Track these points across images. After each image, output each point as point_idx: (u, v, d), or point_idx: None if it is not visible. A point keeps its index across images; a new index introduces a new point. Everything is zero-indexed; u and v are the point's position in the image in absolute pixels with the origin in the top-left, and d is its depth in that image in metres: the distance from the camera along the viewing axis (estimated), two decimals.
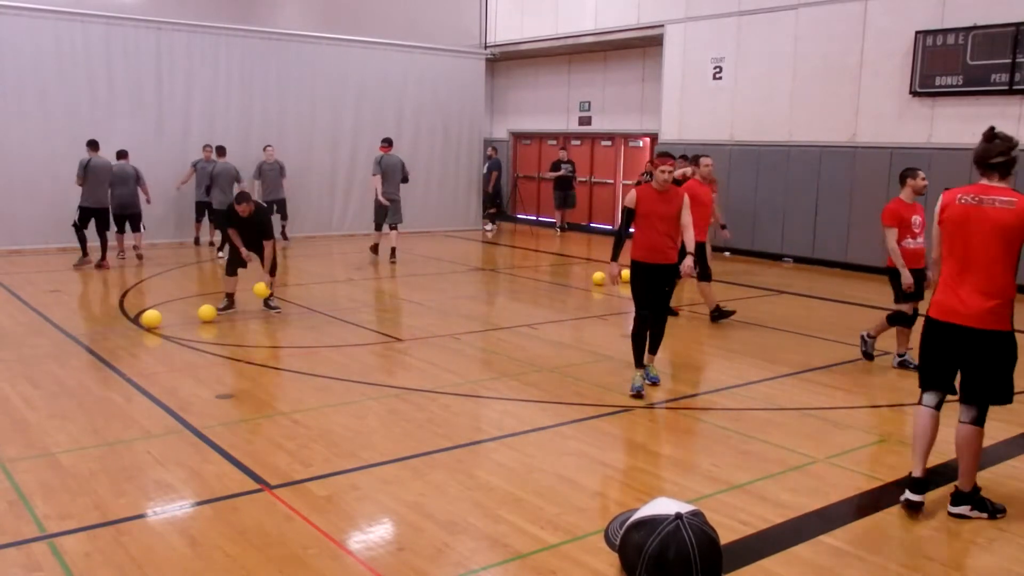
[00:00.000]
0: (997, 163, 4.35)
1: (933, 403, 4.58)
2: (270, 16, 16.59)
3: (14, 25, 13.66)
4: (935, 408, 4.57)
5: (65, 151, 13.85)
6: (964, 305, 4.32)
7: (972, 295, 4.30)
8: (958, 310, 4.35)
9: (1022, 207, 4.24)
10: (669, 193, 6.60)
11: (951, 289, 4.39)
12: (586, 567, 3.90)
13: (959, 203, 4.37)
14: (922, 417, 4.60)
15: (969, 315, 4.32)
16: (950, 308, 4.38)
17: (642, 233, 6.59)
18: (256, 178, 15.71)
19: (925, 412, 4.59)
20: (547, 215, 20.79)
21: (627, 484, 4.95)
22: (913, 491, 4.52)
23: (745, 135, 14.99)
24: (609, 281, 7.21)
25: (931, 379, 4.59)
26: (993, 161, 4.35)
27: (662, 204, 6.54)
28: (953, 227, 4.37)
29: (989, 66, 11.79)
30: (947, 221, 4.40)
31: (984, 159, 4.40)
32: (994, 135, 4.42)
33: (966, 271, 4.34)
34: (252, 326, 9.02)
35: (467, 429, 5.89)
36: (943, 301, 4.43)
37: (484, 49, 19.64)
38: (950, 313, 4.38)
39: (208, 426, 5.75)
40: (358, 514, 4.48)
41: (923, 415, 4.60)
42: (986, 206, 4.28)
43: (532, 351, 8.07)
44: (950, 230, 4.39)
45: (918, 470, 4.55)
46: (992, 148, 4.37)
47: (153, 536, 4.19)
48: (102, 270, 12.40)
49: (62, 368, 7.17)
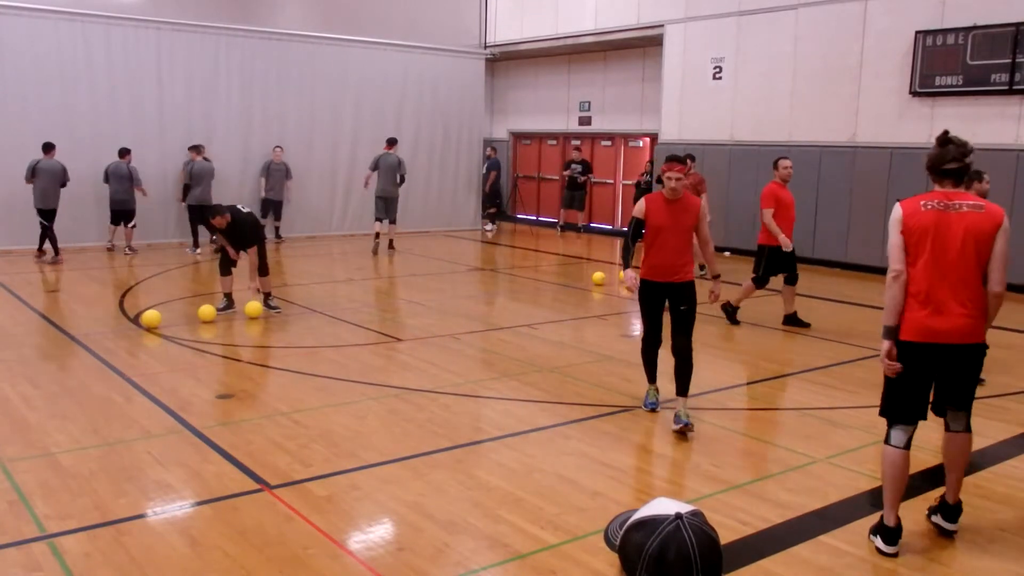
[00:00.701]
0: (950, 169, 4.07)
1: (903, 441, 4.13)
2: (270, 16, 16.59)
3: (14, 25, 13.66)
4: (906, 447, 4.13)
5: (65, 151, 13.85)
6: (945, 321, 3.97)
7: (952, 309, 3.96)
8: (938, 328, 3.98)
9: (993, 209, 4.02)
10: (682, 202, 5.83)
11: (922, 305, 4.00)
12: (586, 567, 3.90)
13: (925, 210, 4.01)
14: (893, 459, 4.13)
15: (952, 331, 3.98)
16: (928, 328, 3.99)
17: (652, 248, 5.88)
18: (262, 175, 15.84)
19: (896, 454, 4.12)
20: (547, 215, 20.80)
21: (627, 484, 4.95)
22: (888, 542, 4.10)
23: (745, 135, 14.99)
24: (628, 291, 6.47)
25: (904, 411, 4.13)
26: (946, 167, 4.07)
27: (674, 215, 5.80)
28: (921, 236, 3.99)
29: (989, 66, 11.80)
30: (914, 230, 4.01)
31: (937, 165, 4.10)
32: (948, 139, 4.13)
33: (940, 283, 3.97)
34: (252, 326, 9.02)
35: (467, 429, 5.89)
36: (919, 320, 4.01)
37: (484, 49, 19.64)
38: (930, 333, 3.99)
39: (208, 426, 5.75)
40: (358, 514, 4.48)
41: (896, 457, 4.12)
42: (953, 212, 3.98)
43: (532, 351, 8.07)
44: (917, 240, 4.01)
45: (892, 518, 4.11)
46: (946, 153, 4.08)
47: (153, 536, 4.19)
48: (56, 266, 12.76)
49: (62, 368, 7.17)
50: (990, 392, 6.67)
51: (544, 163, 21.04)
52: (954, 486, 4.29)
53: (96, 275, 12.22)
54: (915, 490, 4.88)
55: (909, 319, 4.05)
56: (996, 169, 11.78)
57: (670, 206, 5.81)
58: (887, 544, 4.10)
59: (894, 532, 4.11)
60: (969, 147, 4.13)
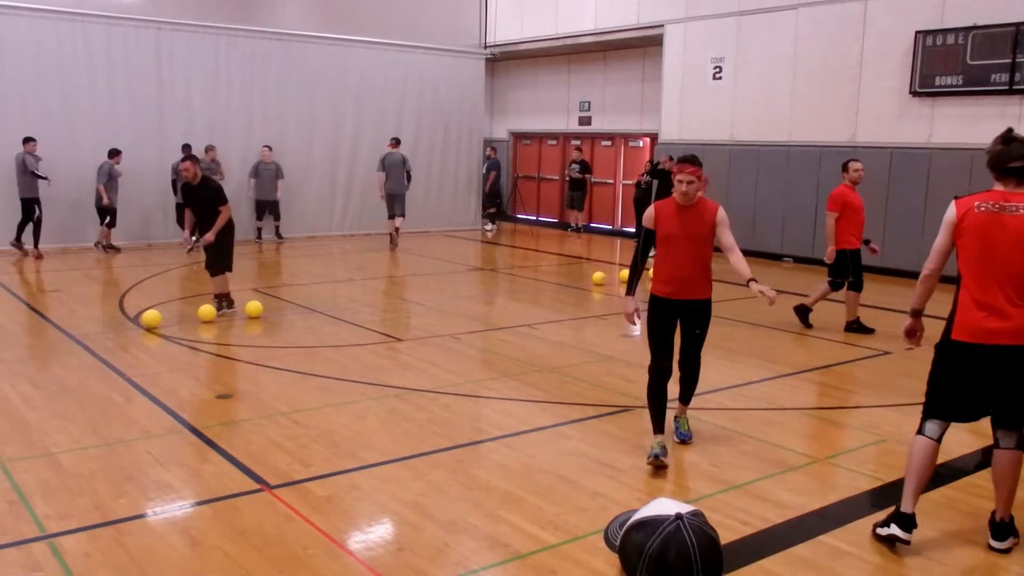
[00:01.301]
0: (1015, 168, 3.96)
1: (937, 434, 4.15)
2: (270, 16, 16.59)
3: (14, 25, 13.66)
4: (938, 440, 4.15)
5: (65, 151, 13.88)
6: (998, 322, 3.91)
7: (1006, 310, 3.90)
8: (990, 328, 3.92)
9: None
10: (697, 208, 5.19)
11: (978, 307, 3.96)
12: (586, 567, 3.89)
13: (978, 211, 3.96)
14: (924, 448, 4.14)
15: (1005, 332, 3.91)
16: (980, 328, 3.95)
17: (664, 260, 5.26)
18: (252, 177, 15.81)
19: (927, 444, 4.14)
20: (547, 215, 20.80)
21: (627, 484, 4.94)
22: (904, 528, 4.10)
23: (745, 135, 14.99)
24: (626, 321, 5.51)
25: (942, 407, 4.14)
26: (1012, 166, 3.96)
27: (688, 223, 5.16)
28: (975, 238, 3.96)
29: (989, 66, 11.80)
30: (967, 231, 3.97)
31: (1002, 163, 3.99)
32: (1012, 137, 4.02)
33: (994, 285, 3.93)
34: (253, 326, 9.01)
35: (467, 429, 5.89)
36: (970, 321, 3.98)
37: (484, 49, 19.65)
38: (982, 334, 3.94)
39: (208, 426, 5.75)
40: (358, 514, 4.48)
41: (925, 447, 4.14)
42: (1009, 214, 3.91)
43: (532, 351, 8.07)
44: (971, 241, 3.97)
45: (910, 505, 4.13)
46: (1011, 151, 3.97)
47: (153, 536, 4.19)
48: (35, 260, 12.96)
49: (62, 368, 7.16)
50: None
51: (544, 163, 21.05)
52: (1008, 502, 4.13)
53: (96, 275, 12.22)
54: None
55: (961, 321, 4.03)
56: None
57: (683, 213, 5.16)
58: (904, 531, 4.09)
59: (911, 520, 4.10)
60: None
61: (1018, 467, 4.11)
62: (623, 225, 19.05)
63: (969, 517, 4.48)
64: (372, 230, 17.52)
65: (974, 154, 11.86)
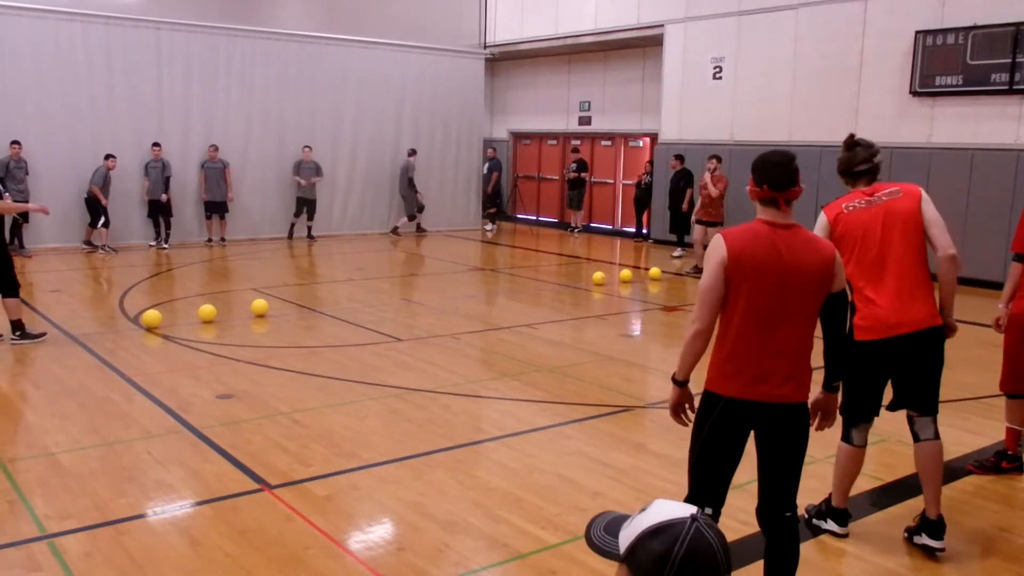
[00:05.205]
0: (862, 171, 4.12)
1: (864, 440, 4.21)
2: (270, 16, 16.59)
3: (14, 25, 13.66)
4: (864, 446, 4.21)
5: (65, 151, 13.87)
6: (899, 312, 3.92)
7: (904, 298, 3.93)
8: (893, 320, 3.93)
9: (909, 190, 4.05)
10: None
11: (876, 302, 3.96)
12: (586, 567, 3.90)
13: (848, 211, 4.04)
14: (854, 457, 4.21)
15: (909, 321, 3.93)
16: (883, 322, 3.94)
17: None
18: (295, 175, 16.08)
19: (856, 453, 4.20)
20: (547, 215, 20.80)
21: (627, 484, 4.94)
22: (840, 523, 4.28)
23: (745, 135, 14.98)
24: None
25: (863, 409, 4.14)
26: (858, 169, 4.12)
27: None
28: (856, 237, 4.00)
29: (989, 66, 11.79)
30: (845, 235, 4.01)
31: (848, 168, 4.16)
32: (855, 142, 4.16)
33: (885, 277, 3.95)
34: (252, 326, 9.02)
35: (467, 429, 5.89)
36: (874, 317, 3.96)
37: (484, 49, 19.64)
38: (886, 328, 3.94)
39: (208, 426, 5.75)
40: (358, 514, 4.48)
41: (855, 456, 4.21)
42: (877, 204, 4.02)
43: (532, 351, 8.07)
44: (851, 242, 4.00)
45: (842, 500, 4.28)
46: (856, 156, 4.13)
47: (153, 536, 4.19)
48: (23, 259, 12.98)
49: (62, 368, 7.16)
50: (986, 392, 6.66)
51: (544, 163, 21.04)
52: (937, 498, 4.12)
53: (96, 275, 12.21)
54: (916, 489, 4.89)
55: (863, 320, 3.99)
56: (996, 169, 11.82)
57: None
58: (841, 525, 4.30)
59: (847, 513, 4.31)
60: (876, 147, 4.17)
61: (940, 457, 4.12)
62: (623, 225, 19.04)
63: (969, 517, 4.48)
64: (371, 230, 17.54)
65: (974, 154, 11.86)
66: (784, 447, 3.23)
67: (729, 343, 3.14)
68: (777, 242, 3.08)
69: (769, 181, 3.16)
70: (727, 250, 3.08)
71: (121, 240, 14.53)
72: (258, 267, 13.34)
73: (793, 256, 3.07)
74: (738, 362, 3.12)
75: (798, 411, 3.19)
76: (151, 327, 8.55)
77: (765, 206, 3.17)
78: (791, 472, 3.28)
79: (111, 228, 14.12)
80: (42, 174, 13.82)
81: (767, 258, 3.06)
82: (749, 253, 3.06)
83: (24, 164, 13.39)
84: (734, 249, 3.07)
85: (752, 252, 3.06)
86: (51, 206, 13.53)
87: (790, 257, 3.07)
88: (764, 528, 3.37)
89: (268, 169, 16.29)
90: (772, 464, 3.28)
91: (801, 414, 3.21)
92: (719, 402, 3.16)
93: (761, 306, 3.07)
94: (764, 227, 3.12)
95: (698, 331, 3.14)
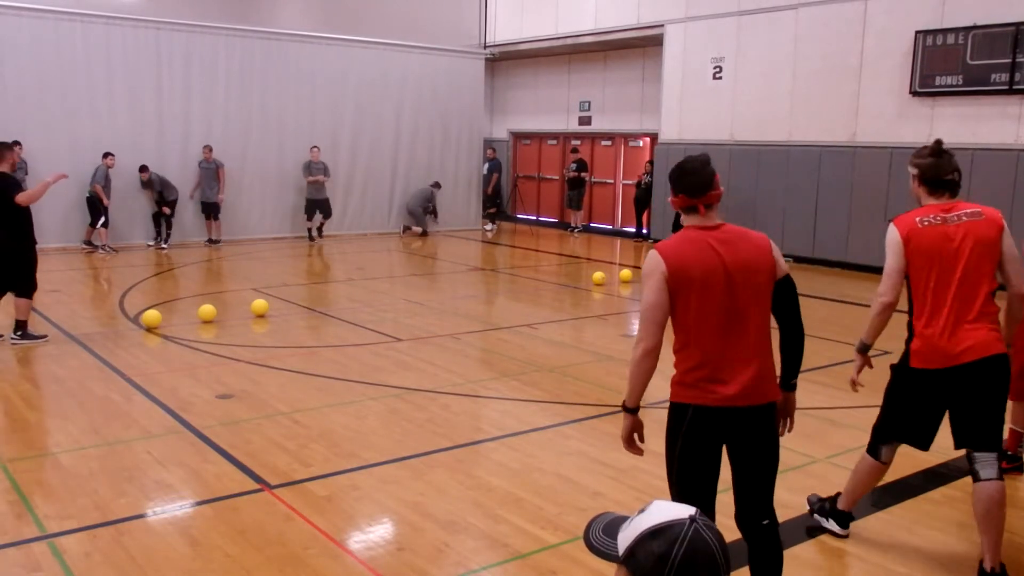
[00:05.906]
0: (951, 181, 3.77)
1: (891, 458, 4.06)
2: (270, 16, 16.59)
3: (14, 25, 13.66)
4: (889, 464, 4.07)
5: (65, 151, 13.87)
6: (963, 341, 3.65)
7: (970, 326, 3.66)
8: (955, 350, 3.66)
9: (991, 215, 3.73)
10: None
11: (938, 328, 3.69)
12: (586, 567, 3.89)
13: (923, 226, 3.70)
14: (877, 472, 4.10)
15: (972, 349, 3.64)
16: (944, 351, 3.68)
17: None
18: (306, 175, 16.08)
19: (881, 469, 4.09)
20: (547, 215, 20.80)
21: (627, 484, 4.94)
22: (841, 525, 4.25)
23: (745, 135, 14.99)
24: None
25: (899, 430, 3.96)
26: (948, 177, 3.77)
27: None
28: (932, 256, 3.68)
29: (989, 66, 11.80)
30: (916, 253, 3.70)
31: (938, 175, 3.77)
32: (943, 149, 3.82)
33: (951, 302, 3.67)
34: (252, 326, 9.02)
35: (467, 429, 5.89)
36: (932, 346, 3.71)
37: (484, 49, 19.64)
38: (946, 358, 3.67)
39: (208, 426, 5.75)
40: (358, 514, 4.48)
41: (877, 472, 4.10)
42: (955, 224, 3.68)
43: (532, 351, 8.07)
44: (926, 261, 3.69)
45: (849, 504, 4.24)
46: (946, 163, 3.76)
47: (153, 536, 4.19)
48: None
49: (62, 368, 7.16)
50: None
51: (544, 163, 21.04)
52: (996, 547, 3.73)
53: (96, 275, 12.21)
54: (917, 489, 4.90)
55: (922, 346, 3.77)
56: (996, 169, 11.81)
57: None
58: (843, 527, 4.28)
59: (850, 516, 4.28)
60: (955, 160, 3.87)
61: (1004, 500, 3.69)
62: (623, 225, 19.04)
63: (969, 517, 4.47)
64: (371, 230, 17.55)
65: (974, 154, 11.85)
66: (757, 452, 3.18)
67: (693, 352, 3.07)
68: (712, 243, 3.04)
69: (685, 190, 3.09)
70: (666, 263, 3.02)
71: (121, 240, 14.54)
72: (258, 267, 13.34)
73: (731, 252, 3.03)
74: (704, 370, 3.06)
75: (768, 413, 3.16)
76: (151, 327, 8.55)
77: (688, 214, 3.12)
78: (766, 478, 3.24)
79: (110, 228, 14.13)
80: (42, 174, 13.74)
81: (708, 260, 3.02)
82: (689, 261, 3.01)
83: (24, 164, 13.39)
84: (673, 260, 3.01)
85: (692, 259, 3.02)
86: (51, 206, 13.61)
87: (728, 254, 3.03)
88: (744, 536, 3.33)
89: (267, 169, 16.29)
90: (747, 472, 3.22)
91: (771, 416, 3.19)
92: (687, 411, 3.12)
93: (714, 309, 3.02)
94: (695, 232, 3.08)
95: (647, 349, 3.05)
